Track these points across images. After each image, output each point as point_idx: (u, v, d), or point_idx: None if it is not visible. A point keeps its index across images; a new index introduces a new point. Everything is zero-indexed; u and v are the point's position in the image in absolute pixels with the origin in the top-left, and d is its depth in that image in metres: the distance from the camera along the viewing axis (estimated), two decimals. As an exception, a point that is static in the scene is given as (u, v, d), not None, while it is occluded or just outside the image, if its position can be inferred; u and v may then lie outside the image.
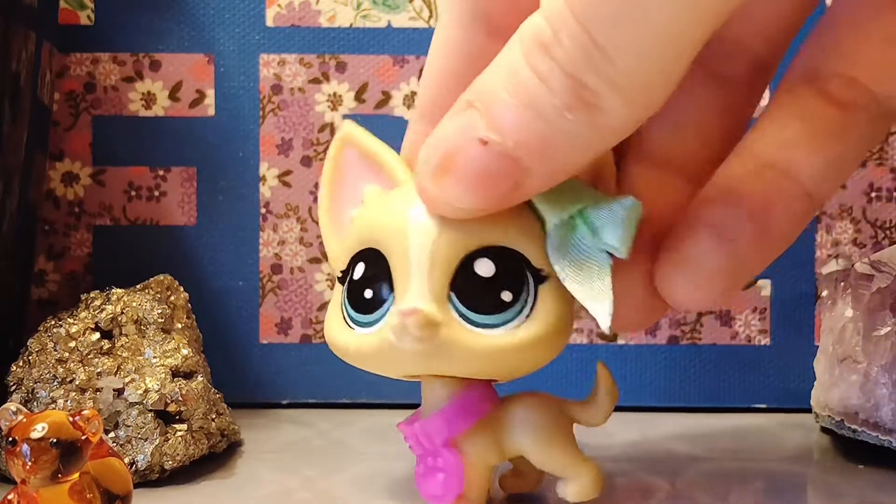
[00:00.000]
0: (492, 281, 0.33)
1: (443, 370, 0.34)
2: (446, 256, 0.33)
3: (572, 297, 0.33)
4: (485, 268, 0.33)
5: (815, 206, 0.35)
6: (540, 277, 0.33)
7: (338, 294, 0.35)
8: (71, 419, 0.31)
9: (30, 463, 0.30)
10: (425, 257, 0.33)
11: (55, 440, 0.30)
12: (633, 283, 0.34)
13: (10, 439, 0.30)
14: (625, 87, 0.29)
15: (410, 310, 0.32)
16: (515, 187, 0.31)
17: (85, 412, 0.31)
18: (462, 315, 0.33)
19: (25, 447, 0.30)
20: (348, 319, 0.34)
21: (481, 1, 0.34)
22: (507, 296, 0.33)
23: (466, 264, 0.33)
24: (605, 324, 0.32)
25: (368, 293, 0.34)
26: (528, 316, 0.33)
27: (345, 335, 0.34)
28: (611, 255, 0.33)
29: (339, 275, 0.35)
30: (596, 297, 0.32)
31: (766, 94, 0.39)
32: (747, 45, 0.36)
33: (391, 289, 0.33)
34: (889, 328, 0.41)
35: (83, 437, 0.31)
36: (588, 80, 0.29)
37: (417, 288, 0.33)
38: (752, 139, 0.35)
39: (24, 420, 0.31)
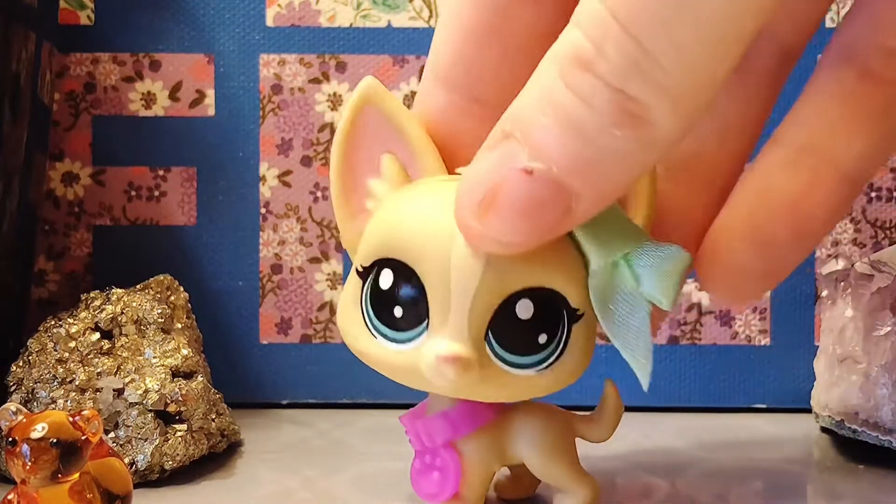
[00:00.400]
0: (530, 323, 0.32)
1: (473, 398, 0.34)
2: (488, 297, 0.32)
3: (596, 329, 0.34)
4: (525, 310, 0.32)
5: (857, 190, 0.34)
6: (575, 317, 0.33)
7: (354, 286, 0.34)
8: (71, 419, 0.31)
9: (30, 463, 0.30)
10: (468, 296, 0.32)
11: (55, 440, 0.30)
12: None
13: (10, 439, 0.30)
14: (674, 95, 0.28)
15: (450, 356, 0.32)
16: (565, 215, 0.30)
17: (85, 412, 0.31)
18: (497, 354, 0.32)
19: (25, 447, 0.30)
20: (372, 328, 0.33)
21: None
22: (542, 338, 0.33)
23: (507, 305, 0.32)
24: (645, 385, 0.32)
25: (399, 311, 0.33)
26: (559, 356, 0.33)
27: (367, 342, 0.34)
28: (651, 303, 0.32)
29: (360, 269, 0.34)
30: (637, 358, 0.32)
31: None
32: (775, 31, 0.35)
33: (426, 314, 0.32)
34: (889, 328, 0.42)
35: (83, 438, 0.31)
36: (635, 91, 0.28)
37: (456, 325, 0.32)
38: (790, 124, 0.34)
39: (24, 420, 0.31)
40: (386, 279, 0.33)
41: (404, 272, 0.33)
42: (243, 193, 0.50)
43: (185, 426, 0.40)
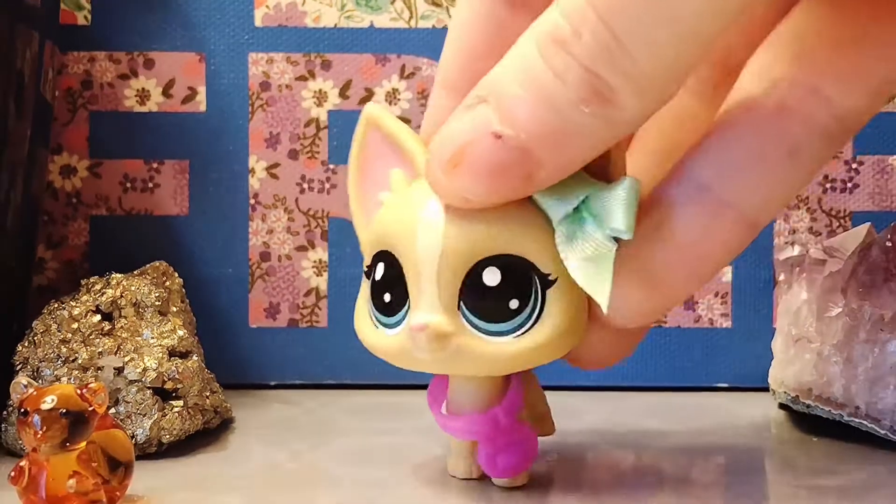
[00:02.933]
0: (498, 289, 0.33)
1: (460, 372, 0.35)
2: (454, 267, 0.33)
3: (582, 295, 0.33)
4: (491, 277, 0.33)
5: (754, 233, 0.33)
6: (548, 282, 0.33)
7: (365, 288, 0.35)
8: (78, 392, 0.32)
9: (40, 432, 0.32)
10: (434, 268, 0.33)
11: (64, 410, 0.32)
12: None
13: (23, 410, 0.32)
14: (640, 81, 0.29)
15: (420, 325, 0.33)
16: (527, 179, 0.31)
17: (91, 385, 0.33)
18: (472, 323, 0.33)
19: (36, 417, 0.32)
20: (374, 318, 0.35)
21: None
22: (514, 304, 0.33)
23: (474, 274, 0.33)
24: (604, 305, 0.32)
25: (387, 297, 0.34)
26: (535, 322, 0.33)
27: (371, 333, 0.35)
28: (616, 239, 0.32)
29: (365, 269, 0.35)
30: (595, 281, 0.32)
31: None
32: (726, 42, 0.35)
33: (407, 294, 0.34)
34: (840, 309, 0.42)
35: (90, 409, 0.32)
36: (605, 75, 0.29)
37: (428, 298, 0.33)
38: (694, 158, 0.33)
39: (35, 392, 0.32)
40: (379, 271, 0.34)
41: (389, 259, 0.34)
42: (233, 185, 0.50)
43: (181, 402, 0.40)
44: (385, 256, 0.34)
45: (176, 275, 0.45)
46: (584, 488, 0.37)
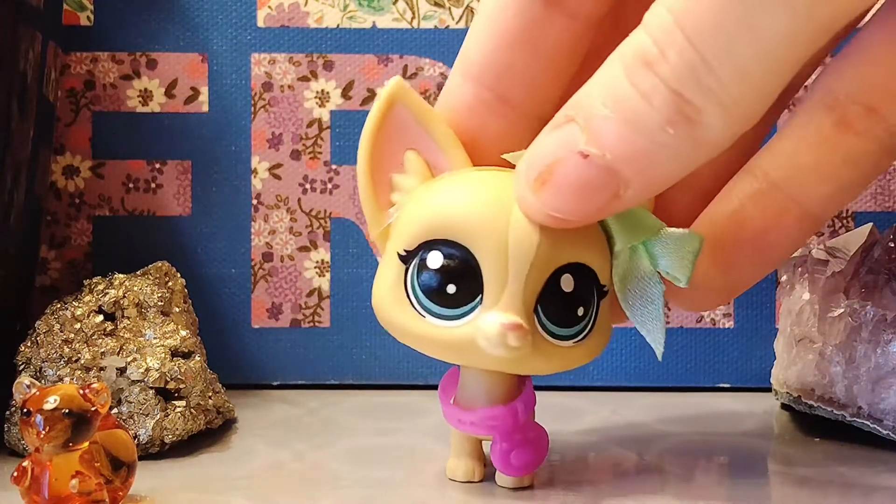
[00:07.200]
0: (572, 296, 0.34)
1: (512, 371, 0.35)
2: (542, 270, 0.33)
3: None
4: (567, 283, 0.34)
5: (817, 227, 0.36)
6: (603, 293, 0.35)
7: (394, 271, 0.35)
8: (81, 392, 0.32)
9: (43, 432, 0.32)
10: (525, 268, 0.33)
11: (67, 411, 0.32)
12: None
13: (25, 410, 0.32)
14: (727, 103, 0.29)
15: (515, 324, 0.33)
16: (613, 198, 0.32)
17: (94, 385, 0.33)
18: (543, 326, 0.34)
19: (39, 417, 0.32)
20: (419, 307, 0.34)
21: None
22: (580, 311, 0.34)
23: (552, 279, 0.34)
24: (658, 354, 0.34)
25: (451, 288, 0.34)
26: (591, 328, 0.35)
27: (414, 322, 0.34)
28: (663, 286, 0.34)
29: (404, 253, 0.34)
30: (651, 328, 0.34)
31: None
32: None
33: (479, 290, 0.34)
34: (842, 310, 0.42)
35: (93, 409, 0.32)
36: (691, 96, 0.29)
37: (511, 297, 0.33)
38: (766, 158, 0.35)
39: (38, 393, 0.32)
40: (434, 259, 0.34)
41: (457, 251, 0.34)
42: (236, 185, 0.50)
43: (183, 402, 0.41)
44: (446, 246, 0.34)
45: (178, 275, 0.45)
46: (585, 489, 0.37)
